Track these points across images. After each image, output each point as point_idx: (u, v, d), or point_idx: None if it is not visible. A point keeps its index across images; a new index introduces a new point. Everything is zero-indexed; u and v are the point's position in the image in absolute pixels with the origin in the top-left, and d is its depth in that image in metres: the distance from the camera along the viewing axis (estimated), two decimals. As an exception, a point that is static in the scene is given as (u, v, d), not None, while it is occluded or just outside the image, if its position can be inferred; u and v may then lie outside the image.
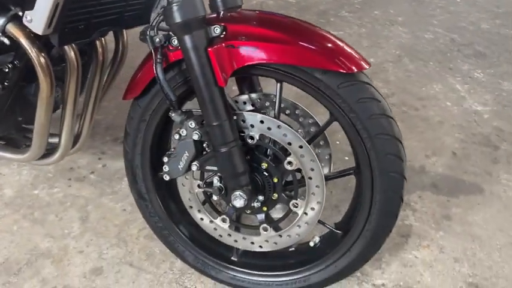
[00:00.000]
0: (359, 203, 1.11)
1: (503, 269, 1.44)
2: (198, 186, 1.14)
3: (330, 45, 0.96)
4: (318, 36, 0.97)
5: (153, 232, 1.30)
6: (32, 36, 1.05)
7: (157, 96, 1.10)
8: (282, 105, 1.16)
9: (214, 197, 1.11)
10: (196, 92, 0.99)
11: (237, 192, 1.05)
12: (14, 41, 1.07)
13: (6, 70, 1.12)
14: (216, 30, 0.95)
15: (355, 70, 0.94)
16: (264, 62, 0.95)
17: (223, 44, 0.95)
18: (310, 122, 1.17)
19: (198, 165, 1.06)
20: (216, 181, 1.08)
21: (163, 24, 0.98)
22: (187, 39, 0.94)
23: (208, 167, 1.06)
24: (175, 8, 0.91)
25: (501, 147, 2.02)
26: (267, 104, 1.15)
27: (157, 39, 0.98)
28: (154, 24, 0.98)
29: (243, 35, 0.95)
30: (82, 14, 1.06)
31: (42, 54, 1.07)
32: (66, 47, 1.12)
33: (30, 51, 1.06)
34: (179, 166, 1.07)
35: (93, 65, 1.30)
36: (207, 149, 1.06)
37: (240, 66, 0.96)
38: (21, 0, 0.98)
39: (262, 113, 1.05)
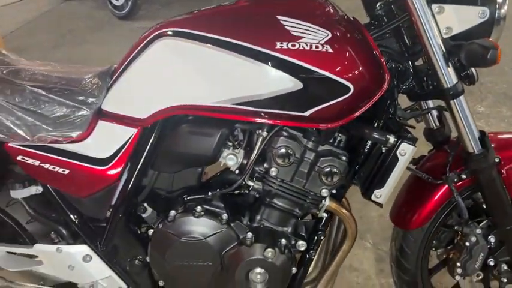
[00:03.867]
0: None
1: None
2: (477, 275, 1.45)
3: None
4: None
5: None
6: (342, 204, 1.32)
7: (435, 220, 1.41)
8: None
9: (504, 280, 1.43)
10: (492, 208, 1.33)
11: (528, 270, 1.39)
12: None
13: (322, 238, 1.34)
14: (497, 159, 1.31)
15: None
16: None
17: (505, 169, 1.32)
18: None
19: (494, 260, 1.39)
20: (504, 267, 1.41)
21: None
22: (487, 173, 1.28)
23: (500, 259, 1.39)
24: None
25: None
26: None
27: (455, 179, 1.31)
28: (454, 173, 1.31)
29: (512, 159, 1.33)
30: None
31: (350, 213, 1.33)
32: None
33: (346, 215, 1.31)
34: (475, 266, 1.38)
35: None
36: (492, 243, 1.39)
37: (516, 181, 1.33)
38: (372, 182, 1.25)
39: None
